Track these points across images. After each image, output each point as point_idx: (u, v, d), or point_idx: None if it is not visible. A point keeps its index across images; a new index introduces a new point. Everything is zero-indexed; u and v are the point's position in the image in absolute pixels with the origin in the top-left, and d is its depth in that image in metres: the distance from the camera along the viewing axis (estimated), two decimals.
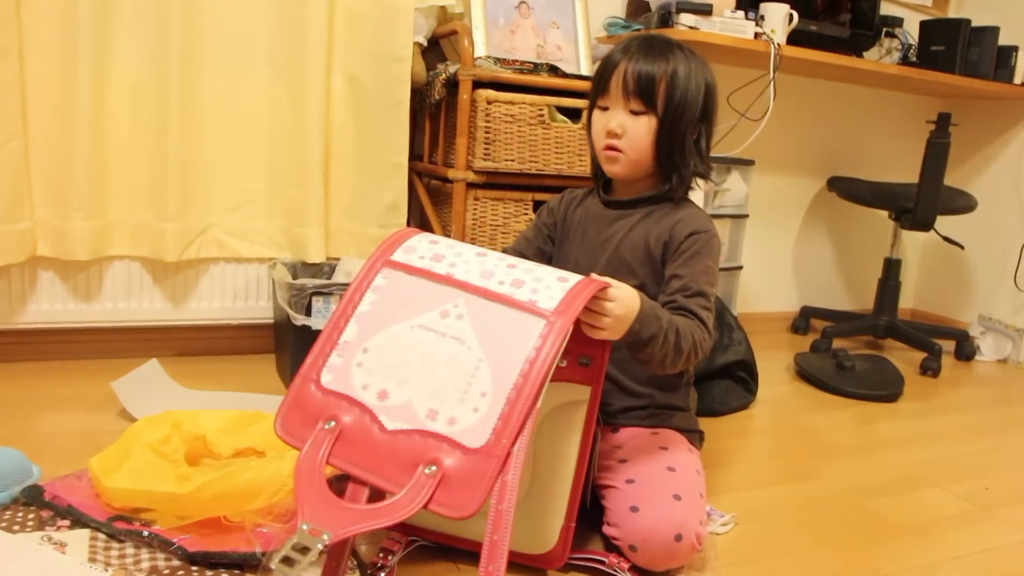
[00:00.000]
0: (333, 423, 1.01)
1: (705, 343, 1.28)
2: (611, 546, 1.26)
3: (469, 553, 1.25)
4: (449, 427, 0.97)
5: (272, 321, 2.17)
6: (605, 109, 1.39)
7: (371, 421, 0.99)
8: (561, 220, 1.52)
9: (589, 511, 1.30)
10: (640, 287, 1.34)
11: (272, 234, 2.15)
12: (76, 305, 2.02)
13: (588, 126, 1.45)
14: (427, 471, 0.94)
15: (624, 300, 1.14)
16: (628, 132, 1.36)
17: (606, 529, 1.25)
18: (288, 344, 1.94)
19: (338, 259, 2.17)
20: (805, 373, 2.45)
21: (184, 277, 2.10)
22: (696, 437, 1.45)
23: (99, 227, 1.96)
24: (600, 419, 1.33)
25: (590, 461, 1.25)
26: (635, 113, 1.35)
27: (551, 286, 1.06)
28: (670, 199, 1.42)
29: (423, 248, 1.13)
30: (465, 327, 1.03)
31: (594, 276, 1.12)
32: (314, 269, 2.15)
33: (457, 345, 1.02)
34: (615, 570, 1.21)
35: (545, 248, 1.53)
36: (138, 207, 2.00)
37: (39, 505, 1.27)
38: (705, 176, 1.43)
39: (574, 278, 1.09)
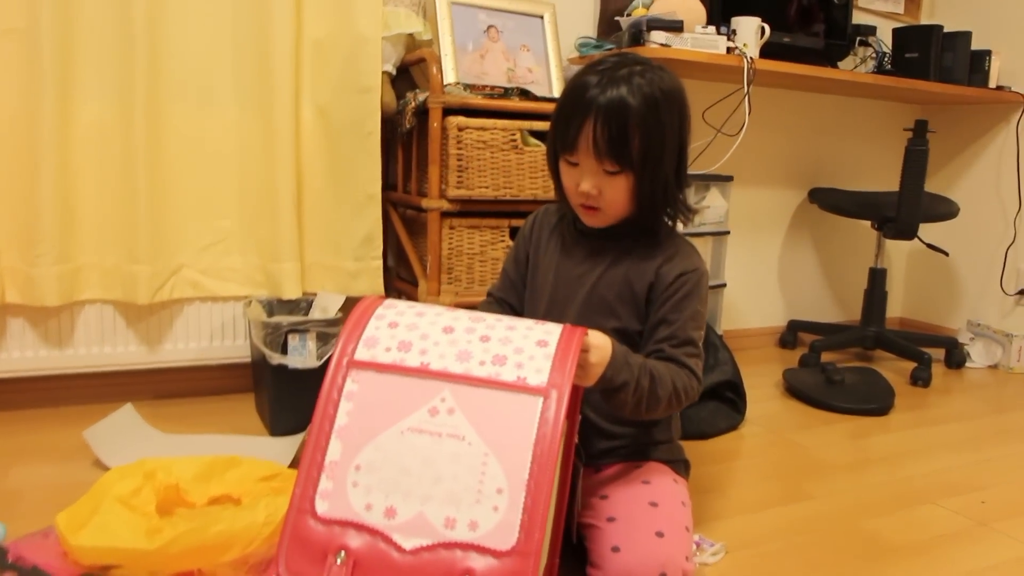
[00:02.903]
0: (344, 554, 0.92)
1: (691, 390, 1.24)
2: None
3: None
4: (472, 533, 0.90)
5: (250, 360, 2.13)
6: (575, 164, 1.26)
7: (386, 544, 0.92)
8: (534, 249, 1.45)
9: (577, 550, 1.26)
10: (621, 330, 1.31)
11: (246, 271, 2.11)
12: (48, 352, 1.97)
13: (553, 171, 1.33)
14: None
15: (599, 348, 1.11)
16: (604, 193, 1.25)
17: (590, 570, 1.20)
18: (266, 383, 1.89)
19: (315, 294, 2.14)
20: (794, 389, 2.41)
21: (158, 319, 2.06)
22: (681, 466, 1.41)
23: (68, 271, 1.92)
24: (583, 459, 1.30)
25: (572, 496, 1.21)
26: (610, 173, 1.23)
27: (534, 355, 1.00)
28: (653, 230, 1.34)
29: (384, 337, 1.04)
30: (460, 421, 0.96)
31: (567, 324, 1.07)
32: (291, 305, 2.11)
33: (457, 443, 0.95)
34: None
35: None
36: (108, 249, 1.96)
37: (2, 567, 1.22)
38: (686, 214, 1.33)
39: (553, 336, 1.03)
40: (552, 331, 1.04)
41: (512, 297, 1.46)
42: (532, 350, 1.00)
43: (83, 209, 1.93)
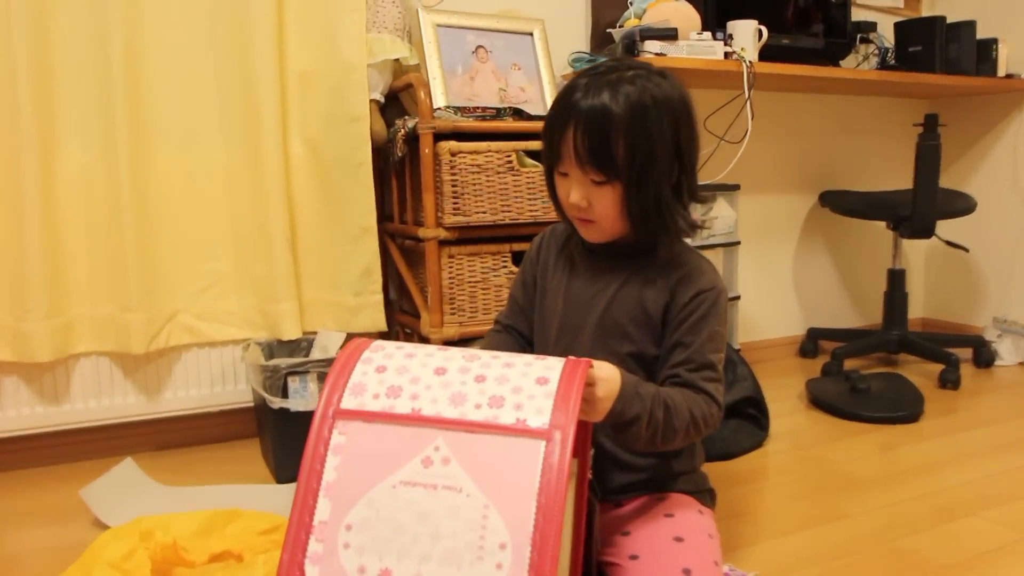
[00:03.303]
0: None
1: (711, 418, 1.16)
2: None
3: None
4: None
5: (253, 405, 2.07)
6: (565, 175, 1.20)
7: None
8: (541, 272, 1.37)
9: None
10: (637, 355, 1.23)
11: (244, 314, 2.05)
12: (44, 408, 1.91)
13: (549, 186, 1.27)
14: None
15: (606, 381, 1.02)
16: (594, 205, 1.19)
17: None
18: (269, 429, 1.83)
19: (315, 333, 2.07)
20: (818, 400, 2.33)
21: (156, 367, 2.00)
22: (707, 496, 1.32)
23: (60, 325, 1.86)
24: (598, 495, 1.21)
25: (589, 536, 1.13)
26: (596, 183, 1.17)
27: (534, 395, 0.92)
28: (666, 245, 1.26)
29: (372, 383, 0.96)
30: (456, 472, 0.88)
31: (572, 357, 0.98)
32: (291, 346, 2.05)
33: (454, 496, 0.87)
34: None
35: None
36: (99, 300, 1.91)
37: None
38: (688, 230, 1.23)
39: (554, 372, 0.95)
40: (553, 366, 0.96)
41: (521, 324, 1.39)
42: (531, 388, 0.92)
43: (71, 260, 1.88)
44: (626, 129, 1.12)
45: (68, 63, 1.83)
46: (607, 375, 1.03)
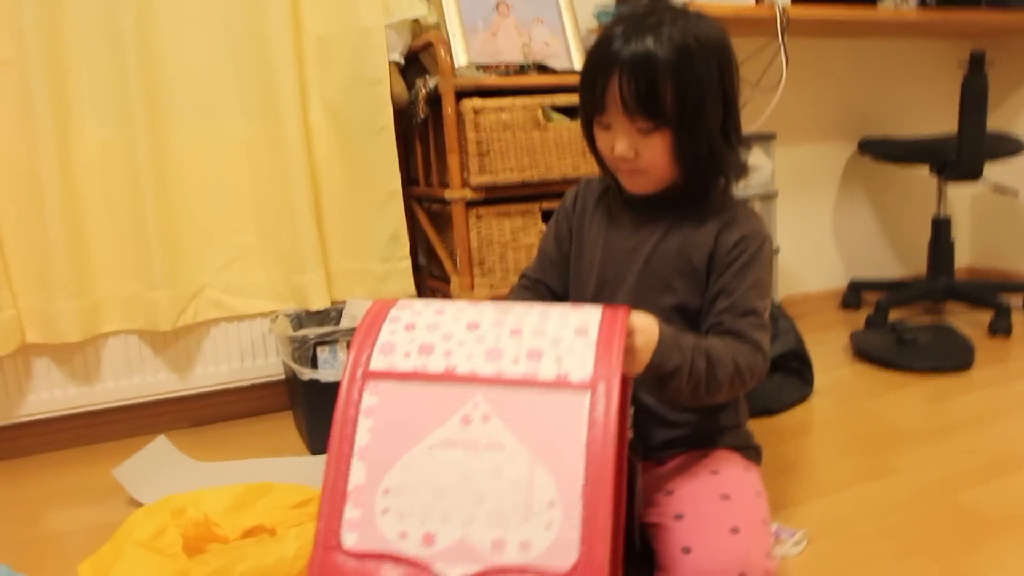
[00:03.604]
0: None
1: (757, 367, 1.10)
2: None
3: None
4: (525, 554, 0.79)
5: (284, 377, 2.04)
6: (607, 126, 1.15)
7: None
8: (577, 224, 1.31)
9: (642, 554, 1.14)
10: (680, 307, 1.18)
11: (271, 286, 2.01)
12: (76, 389, 1.90)
13: (588, 139, 1.23)
14: None
15: (644, 331, 0.97)
16: (642, 154, 1.14)
17: (658, 575, 1.07)
18: (300, 400, 1.80)
19: (343, 302, 2.04)
20: (864, 352, 2.25)
21: (185, 344, 1.98)
22: (752, 452, 1.26)
23: (87, 305, 1.84)
24: (640, 453, 1.17)
25: (630, 497, 1.08)
26: (644, 131, 1.12)
27: (574, 346, 0.87)
28: (708, 194, 1.21)
29: (402, 341, 0.92)
30: (497, 429, 0.84)
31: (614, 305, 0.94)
32: (320, 316, 2.01)
33: (497, 453, 0.84)
34: None
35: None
36: (124, 278, 1.88)
37: None
38: (740, 172, 1.21)
39: (593, 321, 0.90)
40: (591, 316, 0.91)
41: (551, 278, 1.33)
42: (571, 340, 0.88)
43: (95, 240, 1.85)
44: (673, 73, 1.08)
45: (80, 42, 1.79)
46: (645, 325, 0.98)
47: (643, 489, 1.16)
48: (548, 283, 1.33)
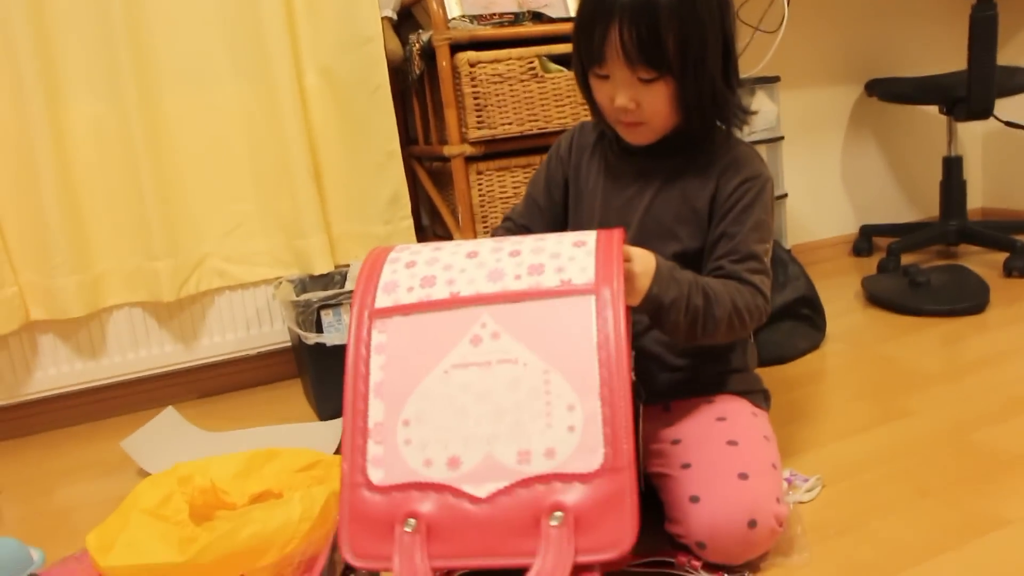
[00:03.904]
0: (414, 522, 0.82)
1: (756, 309, 1.08)
2: (679, 544, 1.06)
3: None
4: (551, 462, 0.80)
5: (291, 344, 2.03)
6: (605, 77, 1.12)
7: (457, 498, 0.82)
8: (574, 174, 1.28)
9: (651, 502, 1.12)
10: (682, 254, 1.16)
11: (273, 252, 2.00)
12: (83, 364, 1.90)
13: (584, 89, 1.19)
14: (553, 523, 0.78)
15: (639, 257, 0.96)
16: (644, 105, 1.11)
17: (668, 526, 1.06)
18: (307, 365, 1.79)
19: (347, 265, 2.02)
20: (876, 297, 2.22)
21: (190, 314, 1.97)
22: (760, 397, 1.24)
23: (88, 280, 1.83)
24: (643, 396, 1.14)
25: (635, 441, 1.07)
26: (646, 81, 1.09)
27: (574, 256, 0.89)
28: (709, 139, 1.18)
29: (404, 278, 0.93)
30: (508, 344, 0.86)
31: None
32: (324, 280, 2.00)
33: (511, 368, 0.85)
34: (686, 570, 1.03)
35: (560, 213, 1.30)
36: (125, 251, 1.87)
37: None
38: (743, 117, 1.18)
39: (589, 236, 0.92)
40: (587, 234, 0.93)
41: (537, 224, 1.31)
42: (570, 252, 0.90)
43: (93, 213, 1.84)
44: (676, 17, 1.04)
45: (65, 12, 1.76)
46: (641, 252, 0.97)
47: (649, 436, 1.15)
48: (533, 230, 1.30)
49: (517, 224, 1.32)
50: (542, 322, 0.86)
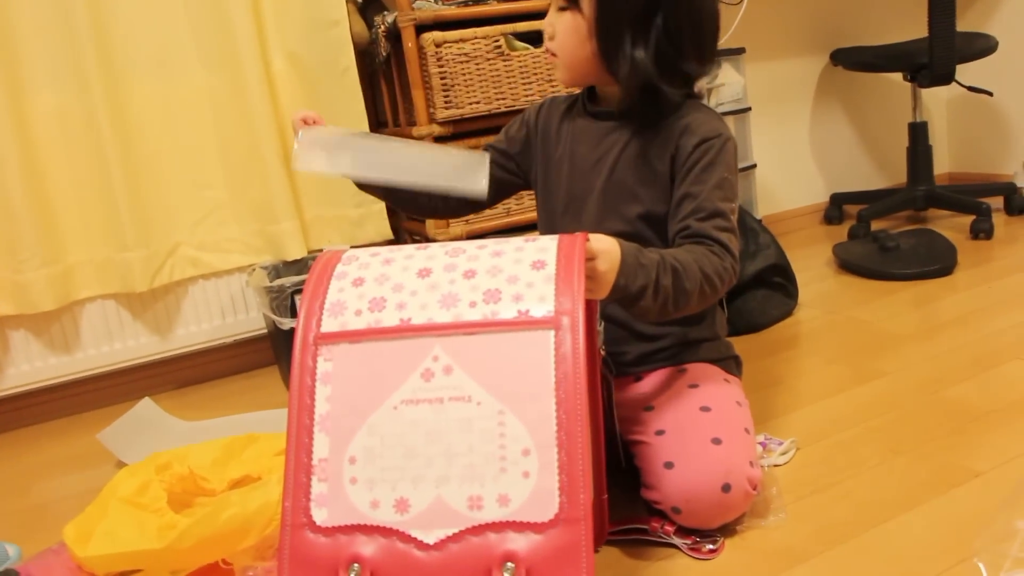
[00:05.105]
0: (358, 567, 0.78)
1: (726, 272, 1.07)
2: (654, 510, 1.08)
3: None
4: (504, 509, 0.76)
5: (267, 331, 2.02)
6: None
7: (404, 543, 0.77)
8: (541, 136, 1.29)
9: (628, 472, 1.13)
10: (646, 215, 1.16)
11: (245, 239, 1.99)
12: (57, 359, 1.88)
13: None
14: (505, 574, 0.74)
15: (605, 252, 0.93)
16: (556, 34, 1.16)
17: (644, 492, 1.07)
18: (283, 351, 1.78)
19: (320, 250, 2.01)
20: (847, 263, 2.24)
21: (164, 305, 1.96)
22: (731, 364, 1.25)
23: (58, 272, 1.82)
24: (613, 370, 1.15)
25: (607, 416, 1.07)
26: (561, 9, 1.14)
27: (532, 281, 0.83)
28: (665, 100, 1.16)
29: (351, 299, 0.87)
30: (461, 379, 0.81)
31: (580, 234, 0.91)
32: (298, 266, 1.99)
33: (463, 406, 0.80)
34: (660, 535, 1.04)
35: (506, 174, 1.34)
36: (95, 242, 1.86)
37: None
38: (693, 75, 1.17)
39: (550, 253, 0.86)
40: (547, 247, 0.87)
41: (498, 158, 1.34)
42: (528, 275, 0.84)
43: (60, 205, 1.82)
44: None
45: (26, 2, 1.74)
46: (606, 247, 0.94)
47: (621, 407, 1.15)
48: (511, 152, 1.35)
49: (497, 149, 1.35)
50: (497, 357, 0.81)
